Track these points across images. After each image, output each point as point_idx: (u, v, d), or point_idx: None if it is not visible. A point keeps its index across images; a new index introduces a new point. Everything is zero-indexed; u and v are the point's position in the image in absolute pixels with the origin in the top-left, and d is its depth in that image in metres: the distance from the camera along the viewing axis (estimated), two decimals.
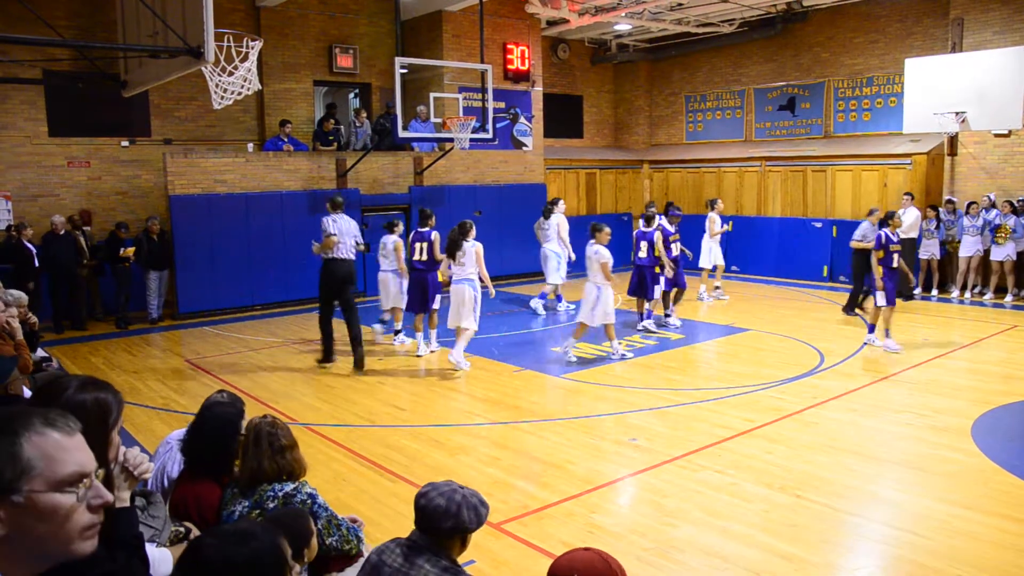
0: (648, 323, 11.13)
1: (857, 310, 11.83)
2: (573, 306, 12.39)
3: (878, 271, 9.64)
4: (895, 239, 9.67)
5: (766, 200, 17.24)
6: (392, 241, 10.52)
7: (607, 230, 9.47)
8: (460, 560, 2.75)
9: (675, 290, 11.63)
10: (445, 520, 2.57)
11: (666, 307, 11.53)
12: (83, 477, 1.43)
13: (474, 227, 9.37)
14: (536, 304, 12.76)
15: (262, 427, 3.30)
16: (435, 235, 10.06)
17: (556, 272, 12.74)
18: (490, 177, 16.62)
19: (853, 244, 11.60)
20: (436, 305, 10.03)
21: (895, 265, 9.65)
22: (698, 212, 17.88)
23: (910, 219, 13.23)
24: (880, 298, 9.62)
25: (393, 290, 10.58)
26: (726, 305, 13.17)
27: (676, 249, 11.59)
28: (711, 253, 13.71)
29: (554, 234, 12.80)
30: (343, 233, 9.20)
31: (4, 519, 1.35)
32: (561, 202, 13.21)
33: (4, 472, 1.35)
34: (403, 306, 10.48)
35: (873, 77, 15.92)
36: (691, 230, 14.10)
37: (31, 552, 1.38)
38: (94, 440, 1.53)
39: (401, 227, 10.75)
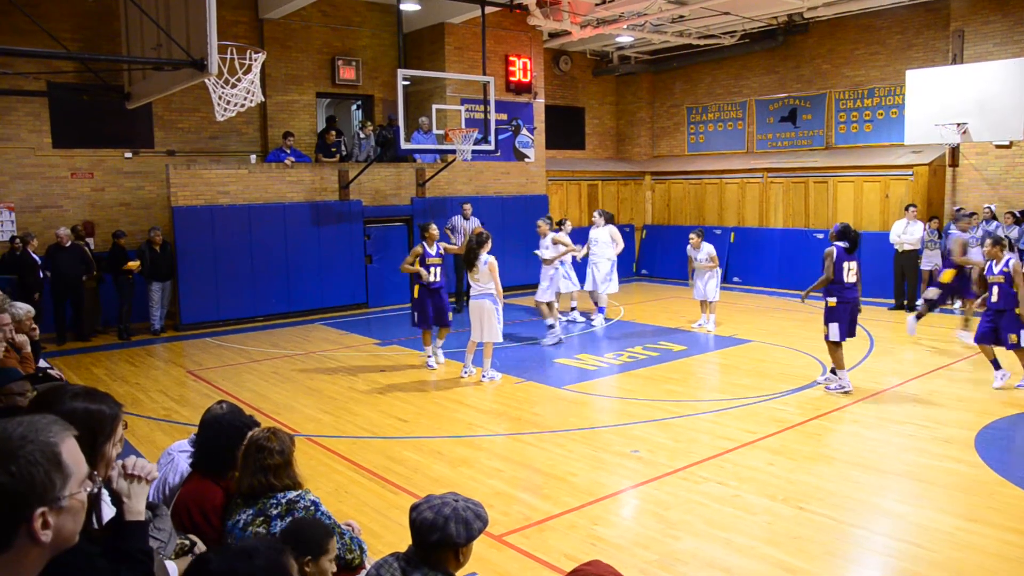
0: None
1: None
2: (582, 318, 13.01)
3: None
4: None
5: (768, 211, 17.26)
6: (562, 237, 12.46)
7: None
8: (463, 572, 2.74)
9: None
10: (432, 533, 2.55)
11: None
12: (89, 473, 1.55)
13: (491, 239, 9.32)
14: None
15: (254, 443, 3.28)
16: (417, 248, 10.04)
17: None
18: (492, 189, 16.65)
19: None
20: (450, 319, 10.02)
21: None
22: (697, 223, 17.92)
23: (916, 231, 13.26)
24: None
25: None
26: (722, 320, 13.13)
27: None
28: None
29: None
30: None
31: (51, 524, 1.42)
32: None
33: (55, 482, 1.45)
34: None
35: (874, 88, 15.96)
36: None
37: (54, 549, 1.46)
38: (82, 449, 1.59)
39: (568, 225, 12.82)
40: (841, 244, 8.50)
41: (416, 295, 9.84)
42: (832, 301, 8.44)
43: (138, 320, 12.65)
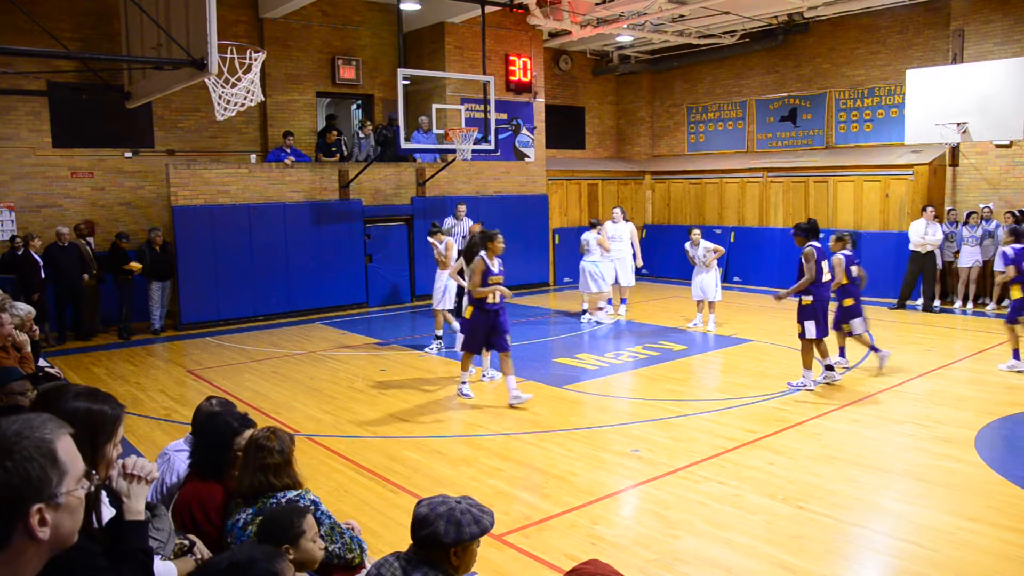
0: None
1: None
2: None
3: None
4: None
5: (768, 211, 17.26)
6: (594, 237, 12.76)
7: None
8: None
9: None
10: (421, 528, 2.56)
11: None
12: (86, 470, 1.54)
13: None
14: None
15: (254, 442, 3.29)
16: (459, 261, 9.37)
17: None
18: (492, 188, 16.66)
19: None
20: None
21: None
22: (697, 223, 17.92)
23: (938, 233, 13.27)
24: None
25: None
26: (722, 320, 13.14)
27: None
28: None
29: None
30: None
31: (49, 521, 1.42)
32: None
33: (52, 478, 1.44)
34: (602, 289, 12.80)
35: (874, 88, 15.95)
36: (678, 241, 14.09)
37: (53, 547, 1.46)
38: (83, 449, 1.59)
39: (600, 227, 13.03)
40: (815, 243, 8.62)
41: (468, 315, 8.40)
42: (807, 299, 8.55)
43: (138, 320, 12.64)
